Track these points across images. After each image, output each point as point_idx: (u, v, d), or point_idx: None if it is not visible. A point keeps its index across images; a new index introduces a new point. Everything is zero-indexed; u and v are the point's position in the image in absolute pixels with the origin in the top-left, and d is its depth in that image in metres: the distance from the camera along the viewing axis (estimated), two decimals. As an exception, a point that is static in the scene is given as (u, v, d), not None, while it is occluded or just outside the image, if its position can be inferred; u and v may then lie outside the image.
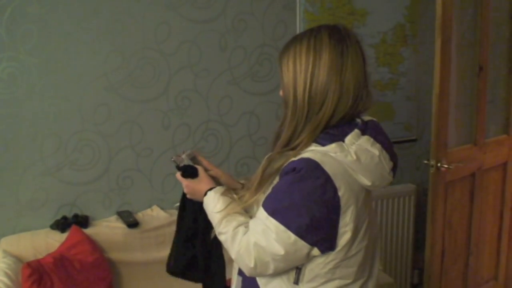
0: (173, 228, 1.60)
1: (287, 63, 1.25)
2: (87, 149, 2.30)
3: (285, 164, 1.22)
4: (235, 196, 1.37)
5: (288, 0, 2.57)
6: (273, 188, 1.23)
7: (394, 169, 1.27)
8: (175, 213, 2.33)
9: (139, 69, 2.33)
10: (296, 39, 1.26)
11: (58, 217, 2.26)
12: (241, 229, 1.25)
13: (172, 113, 2.43)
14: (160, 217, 2.39)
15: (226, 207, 1.30)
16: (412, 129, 3.02)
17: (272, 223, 1.17)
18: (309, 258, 1.21)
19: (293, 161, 1.20)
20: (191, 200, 1.48)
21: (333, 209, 1.16)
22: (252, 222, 1.24)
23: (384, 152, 1.23)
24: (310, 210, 1.15)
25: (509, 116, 2.82)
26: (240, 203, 1.32)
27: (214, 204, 1.33)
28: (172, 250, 1.60)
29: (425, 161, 2.37)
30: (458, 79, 2.45)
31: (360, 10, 2.73)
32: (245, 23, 2.50)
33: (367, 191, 1.25)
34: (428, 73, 2.71)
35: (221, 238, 1.29)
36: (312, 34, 1.24)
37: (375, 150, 1.21)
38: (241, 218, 1.28)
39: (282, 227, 1.16)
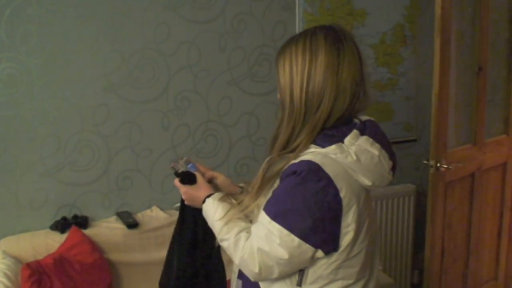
0: (173, 228, 1.59)
1: (283, 65, 1.25)
2: (86, 149, 2.30)
3: (286, 167, 1.22)
4: (234, 201, 1.36)
5: (287, 0, 2.57)
6: (274, 192, 1.23)
7: (393, 168, 1.27)
8: (174, 213, 2.35)
9: (138, 69, 2.33)
10: (292, 41, 1.26)
11: (58, 217, 2.26)
12: (243, 235, 1.24)
13: (172, 113, 2.43)
14: (160, 218, 2.39)
15: (226, 213, 1.30)
16: (412, 130, 3.02)
17: (275, 227, 1.17)
18: (313, 260, 1.21)
19: (294, 164, 1.19)
20: (190, 208, 1.48)
21: (335, 211, 1.16)
22: (254, 227, 1.24)
23: (383, 151, 1.23)
24: (313, 213, 1.15)
25: (509, 116, 2.82)
26: (240, 208, 1.32)
27: (214, 211, 1.32)
28: (170, 267, 1.55)
29: (425, 161, 2.37)
30: (457, 79, 2.45)
31: (359, 11, 2.73)
32: (245, 24, 2.50)
33: (367, 191, 1.25)
34: (428, 73, 2.71)
35: (224, 244, 1.29)
36: (307, 35, 1.24)
37: (375, 150, 1.21)
38: (242, 224, 1.28)
39: (285, 231, 1.16)
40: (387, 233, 2.92)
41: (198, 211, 1.41)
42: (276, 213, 1.18)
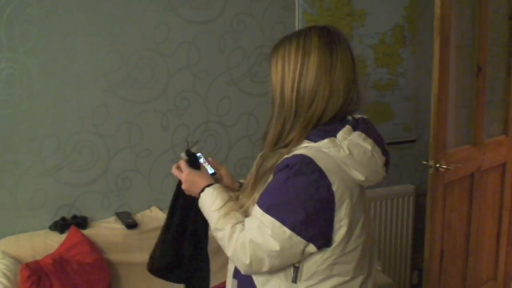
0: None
1: (276, 63, 1.28)
2: (86, 150, 2.30)
3: (279, 162, 1.23)
4: (232, 194, 1.38)
5: (287, 1, 2.57)
6: (267, 185, 1.24)
7: (386, 164, 1.28)
8: (174, 214, 2.35)
9: (138, 69, 2.33)
10: (286, 40, 1.28)
11: (57, 218, 2.26)
12: (239, 227, 1.25)
13: (171, 113, 2.43)
14: (159, 218, 2.38)
15: (224, 204, 1.30)
16: (411, 130, 3.02)
17: (268, 219, 1.18)
18: (304, 255, 1.21)
19: (287, 158, 1.21)
20: (183, 197, 1.48)
21: (327, 204, 1.17)
22: (247, 220, 1.25)
23: (376, 147, 1.24)
24: (305, 206, 1.16)
25: (508, 117, 2.82)
26: (238, 204, 1.33)
27: (212, 201, 1.32)
28: (157, 249, 1.58)
29: (424, 162, 2.37)
30: (457, 79, 2.45)
31: (359, 11, 2.73)
32: (244, 24, 2.50)
33: (361, 187, 1.26)
34: (427, 74, 2.71)
35: (218, 235, 1.29)
36: (301, 35, 1.26)
37: (368, 145, 1.23)
38: (239, 216, 1.29)
39: (277, 223, 1.17)
40: (386, 233, 2.92)
41: (192, 201, 1.41)
42: (269, 206, 1.19)
